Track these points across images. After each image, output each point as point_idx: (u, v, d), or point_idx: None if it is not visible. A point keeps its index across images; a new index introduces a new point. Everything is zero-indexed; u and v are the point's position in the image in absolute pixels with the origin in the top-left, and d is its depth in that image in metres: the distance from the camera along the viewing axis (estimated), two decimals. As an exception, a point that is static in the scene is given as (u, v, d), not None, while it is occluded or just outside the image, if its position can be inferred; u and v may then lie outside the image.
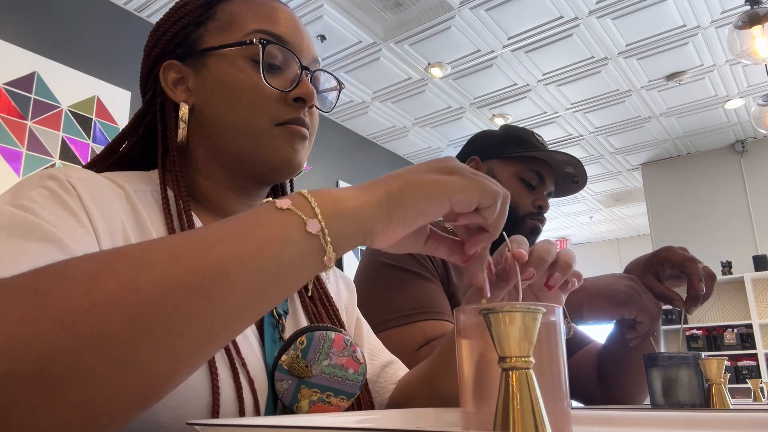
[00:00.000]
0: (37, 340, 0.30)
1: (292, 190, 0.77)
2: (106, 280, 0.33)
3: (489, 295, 0.52)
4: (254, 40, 0.63)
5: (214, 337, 0.37)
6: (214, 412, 0.51)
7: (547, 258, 0.56)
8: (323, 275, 0.69)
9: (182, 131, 0.65)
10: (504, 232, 0.55)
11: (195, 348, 0.35)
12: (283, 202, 0.41)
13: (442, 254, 0.53)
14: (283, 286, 0.40)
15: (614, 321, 1.05)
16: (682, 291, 0.96)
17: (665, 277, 0.99)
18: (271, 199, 0.42)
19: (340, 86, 0.74)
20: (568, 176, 1.30)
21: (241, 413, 0.53)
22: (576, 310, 0.95)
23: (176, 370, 0.35)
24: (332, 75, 0.74)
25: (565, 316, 0.93)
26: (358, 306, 0.84)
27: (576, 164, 1.27)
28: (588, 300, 0.95)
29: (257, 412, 0.55)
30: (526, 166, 1.27)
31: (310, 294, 0.69)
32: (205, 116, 0.66)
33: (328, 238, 0.41)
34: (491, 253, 0.55)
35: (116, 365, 0.32)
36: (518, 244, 0.55)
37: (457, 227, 0.52)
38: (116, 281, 0.33)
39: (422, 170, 0.46)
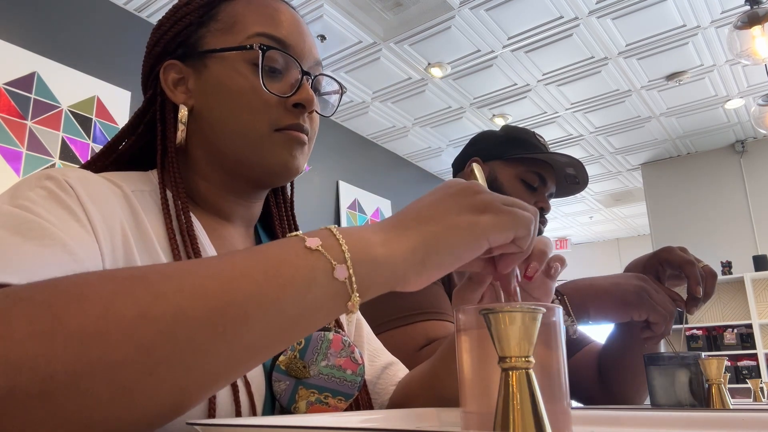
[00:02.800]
0: (46, 360, 0.30)
1: (292, 191, 0.77)
2: (122, 306, 0.32)
3: (519, 299, 0.52)
4: (254, 44, 0.63)
5: (225, 374, 0.36)
6: (211, 413, 0.51)
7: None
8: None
9: (181, 133, 0.65)
10: None
11: (203, 383, 0.35)
12: (312, 241, 0.39)
13: (475, 269, 0.52)
14: (301, 329, 0.39)
15: (620, 322, 1.04)
16: (683, 290, 0.95)
17: (666, 277, 0.98)
18: (300, 233, 0.41)
19: (341, 90, 0.74)
20: (570, 177, 1.30)
21: (237, 415, 0.53)
22: (582, 311, 0.94)
23: (182, 403, 0.35)
24: (334, 79, 0.73)
25: (570, 316, 0.93)
26: (360, 306, 0.84)
27: (577, 165, 1.27)
28: (595, 300, 0.94)
29: (253, 414, 0.55)
30: (527, 168, 1.26)
31: None
32: (204, 118, 0.65)
33: (355, 285, 0.39)
34: None
35: (122, 393, 0.31)
36: None
37: None
38: (132, 308, 0.32)
39: (454, 210, 0.45)
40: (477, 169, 0.61)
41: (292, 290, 0.37)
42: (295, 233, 0.41)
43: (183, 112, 0.65)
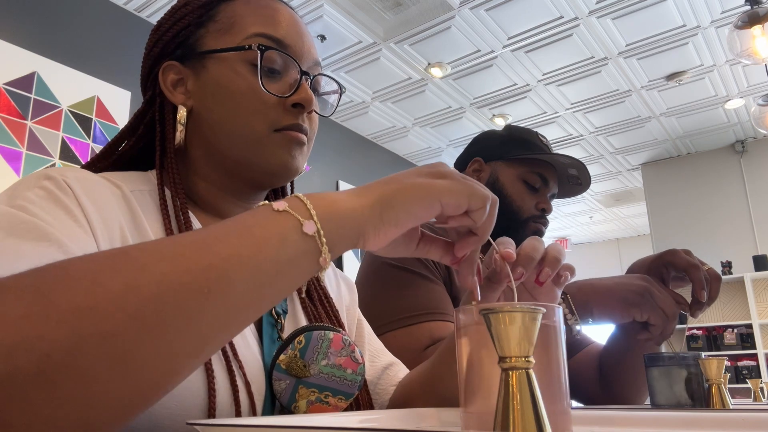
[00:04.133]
0: (40, 339, 0.30)
1: (292, 192, 0.77)
2: (108, 280, 0.33)
3: (480, 297, 0.53)
4: (253, 45, 0.63)
5: (214, 336, 0.37)
6: (210, 413, 0.51)
7: (535, 255, 0.57)
8: (323, 276, 0.69)
9: (180, 134, 0.65)
10: (489, 237, 0.55)
11: (195, 346, 0.36)
12: (279, 204, 0.42)
13: (434, 256, 0.54)
14: (280, 286, 0.41)
15: (621, 322, 1.04)
16: (687, 291, 0.95)
17: (670, 279, 0.98)
18: (267, 202, 0.43)
19: (341, 90, 0.74)
20: (572, 179, 1.30)
21: (237, 415, 0.53)
22: (586, 310, 0.94)
23: (176, 369, 0.35)
24: (333, 79, 0.73)
25: (573, 314, 0.93)
26: (362, 307, 0.84)
27: (579, 167, 1.27)
28: (598, 299, 0.94)
29: (253, 414, 0.55)
30: (529, 169, 1.26)
31: (303, 295, 0.69)
32: (203, 119, 0.65)
33: (324, 239, 0.42)
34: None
35: (118, 364, 0.32)
36: (505, 246, 0.56)
37: (449, 230, 0.53)
38: (118, 281, 0.33)
39: (413, 174, 0.48)
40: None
41: (267, 248, 0.39)
42: (263, 202, 0.43)
43: (182, 113, 0.65)
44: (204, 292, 0.35)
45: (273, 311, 0.64)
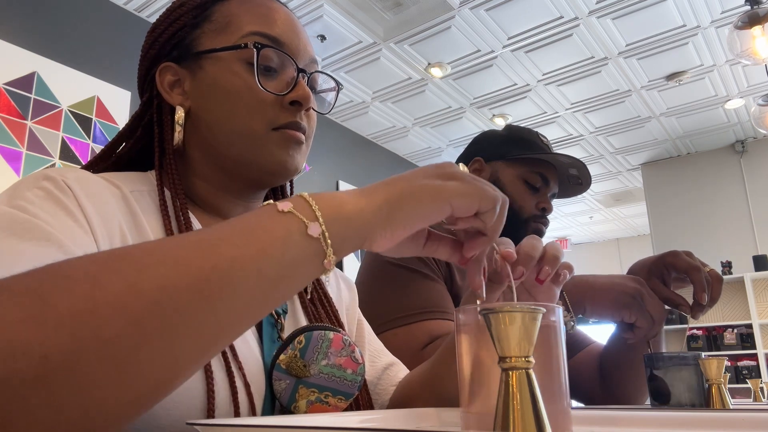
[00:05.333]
0: (39, 343, 0.30)
1: (292, 191, 0.77)
2: (108, 283, 0.33)
3: (485, 297, 0.53)
4: (249, 43, 0.63)
5: (215, 340, 0.37)
6: (209, 414, 0.51)
7: (534, 254, 0.57)
8: (323, 276, 0.69)
9: (178, 135, 0.65)
10: None
11: (195, 351, 0.35)
12: (284, 205, 0.41)
13: (442, 255, 0.53)
14: (283, 289, 0.40)
15: (615, 321, 1.05)
16: (688, 292, 0.95)
17: (671, 280, 0.98)
18: (272, 201, 0.42)
19: (338, 87, 0.74)
20: (572, 178, 1.30)
21: (236, 415, 0.53)
22: (579, 306, 0.95)
23: (176, 373, 0.35)
24: (330, 76, 0.73)
25: (568, 310, 0.93)
26: (362, 305, 0.84)
27: (580, 167, 1.27)
28: (591, 297, 0.95)
29: (253, 414, 0.55)
30: (530, 168, 1.26)
31: (309, 296, 0.69)
32: (201, 120, 0.65)
33: (329, 241, 0.41)
34: None
35: (117, 368, 0.32)
36: (505, 245, 0.56)
37: (457, 230, 0.52)
38: (118, 284, 0.33)
39: (422, 175, 0.47)
40: (463, 168, 0.63)
41: (271, 251, 0.38)
42: (267, 202, 0.43)
43: (180, 114, 0.65)
44: (206, 296, 0.35)
45: (273, 311, 0.64)
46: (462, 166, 0.64)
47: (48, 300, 0.31)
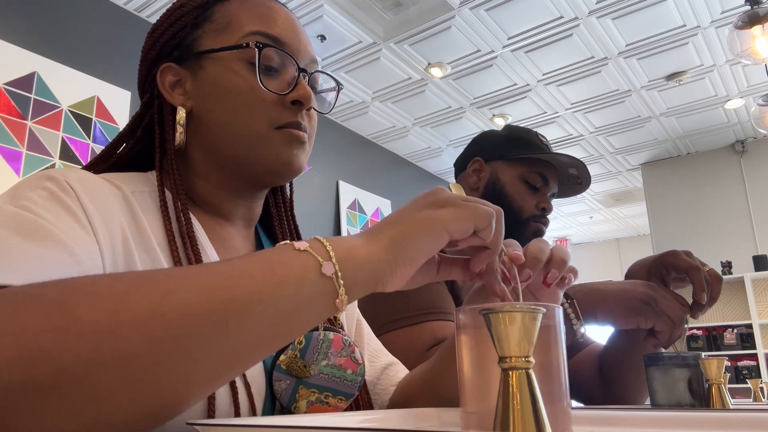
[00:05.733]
0: (59, 354, 0.31)
1: (291, 191, 0.77)
2: (133, 303, 0.34)
3: (512, 298, 0.54)
4: (250, 43, 0.63)
5: (227, 368, 0.38)
6: (210, 414, 0.51)
7: (542, 257, 0.57)
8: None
9: (180, 135, 0.65)
10: None
11: (208, 376, 0.37)
12: (301, 244, 0.43)
13: (456, 276, 0.55)
14: (295, 325, 0.41)
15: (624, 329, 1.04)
16: (688, 292, 0.95)
17: (670, 280, 0.98)
18: (288, 241, 0.44)
19: (338, 87, 0.74)
20: (572, 178, 1.30)
21: (237, 415, 0.53)
22: (590, 314, 0.94)
23: (187, 395, 0.36)
24: (330, 76, 0.73)
25: (579, 318, 0.93)
26: (362, 305, 0.84)
27: (579, 166, 1.27)
28: (603, 305, 0.94)
29: (253, 414, 0.55)
30: (529, 168, 1.26)
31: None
32: (202, 120, 0.65)
33: (341, 281, 0.42)
34: None
35: (132, 385, 0.33)
36: (512, 247, 0.56)
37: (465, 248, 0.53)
38: (142, 305, 0.34)
39: (416, 208, 0.48)
40: (455, 186, 0.64)
41: (287, 287, 0.40)
42: (284, 242, 0.44)
43: (181, 114, 0.65)
44: (223, 325, 0.36)
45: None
46: (453, 186, 0.66)
47: (73, 312, 0.32)
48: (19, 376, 0.29)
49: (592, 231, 8.37)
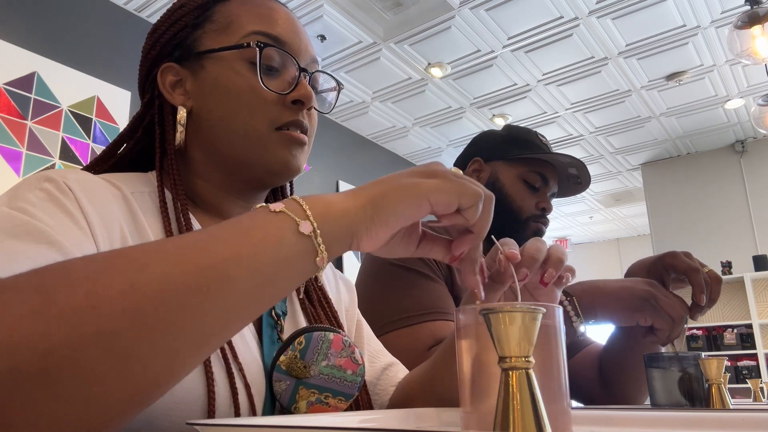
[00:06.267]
0: (42, 338, 0.30)
1: (292, 191, 0.77)
2: (109, 280, 0.34)
3: (483, 297, 0.52)
4: (251, 42, 0.63)
5: (213, 335, 0.38)
6: (210, 414, 0.51)
7: (539, 256, 0.57)
8: (322, 277, 0.70)
9: (180, 135, 0.65)
10: (492, 236, 0.55)
11: (194, 345, 0.36)
12: (276, 206, 0.42)
13: (436, 255, 0.53)
14: (278, 286, 0.41)
15: (624, 326, 1.04)
16: (687, 292, 0.95)
17: (670, 281, 0.98)
18: (264, 204, 0.43)
19: (339, 87, 0.74)
20: (572, 178, 1.30)
21: (237, 415, 0.53)
22: (590, 312, 0.94)
23: (175, 367, 0.36)
24: (331, 75, 0.73)
25: (578, 316, 0.93)
26: (363, 306, 0.84)
27: (579, 166, 1.27)
28: (603, 303, 0.94)
29: (253, 414, 0.55)
30: (529, 168, 1.26)
31: (301, 296, 0.69)
32: (203, 119, 0.65)
33: (320, 239, 0.42)
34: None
35: (118, 362, 0.32)
36: (509, 246, 0.56)
37: (449, 229, 0.52)
38: (119, 280, 0.34)
39: (405, 175, 0.47)
40: (456, 170, 0.63)
41: (265, 248, 0.40)
42: (260, 204, 0.44)
43: (182, 114, 0.65)
44: (204, 292, 0.36)
45: (272, 312, 0.64)
46: (454, 169, 0.64)
47: (50, 296, 0.32)
48: (5, 363, 0.29)
49: (592, 231, 8.37)
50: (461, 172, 0.64)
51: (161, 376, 0.35)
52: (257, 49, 0.63)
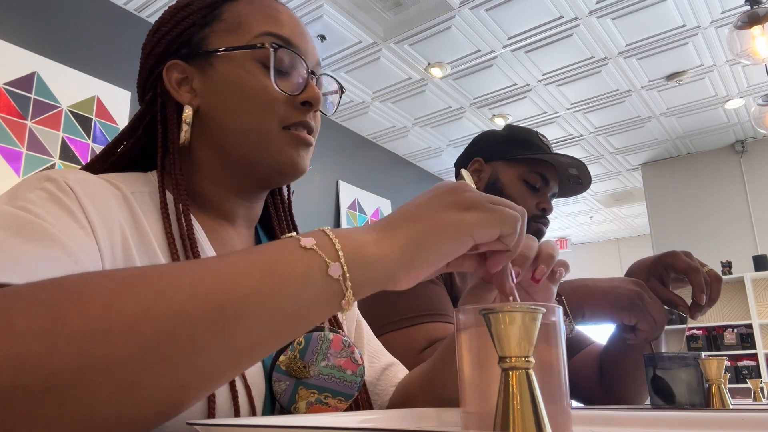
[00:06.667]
0: (49, 358, 0.30)
1: (290, 191, 0.77)
2: (124, 305, 0.33)
3: (518, 299, 0.52)
4: (265, 44, 0.63)
5: (224, 371, 0.37)
6: (210, 415, 0.51)
7: (529, 254, 0.56)
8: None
9: (185, 134, 0.65)
10: None
11: (203, 380, 0.35)
12: (306, 241, 0.40)
13: (467, 269, 0.53)
14: (297, 327, 0.39)
15: (615, 323, 1.05)
16: (687, 292, 0.95)
17: (670, 281, 0.98)
18: (295, 234, 0.42)
19: (341, 90, 0.75)
20: (573, 178, 1.30)
21: (237, 415, 0.53)
22: (578, 310, 0.95)
23: (181, 400, 0.35)
24: (335, 79, 0.74)
25: (566, 315, 0.93)
26: (361, 306, 0.84)
27: (580, 166, 1.27)
28: (591, 300, 0.95)
29: (253, 414, 0.55)
30: (530, 169, 1.26)
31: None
32: (210, 118, 0.65)
33: (349, 283, 0.40)
34: None
35: (124, 390, 0.32)
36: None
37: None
38: (134, 307, 0.33)
39: (439, 207, 0.45)
40: (465, 174, 0.63)
41: (289, 288, 0.38)
42: (290, 234, 0.42)
43: (188, 112, 0.65)
44: (219, 329, 0.35)
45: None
46: (465, 174, 0.64)
47: (63, 316, 0.31)
48: (9, 380, 0.29)
49: (592, 231, 8.37)
50: (471, 178, 0.63)
51: (166, 406, 0.34)
52: (271, 50, 0.63)
